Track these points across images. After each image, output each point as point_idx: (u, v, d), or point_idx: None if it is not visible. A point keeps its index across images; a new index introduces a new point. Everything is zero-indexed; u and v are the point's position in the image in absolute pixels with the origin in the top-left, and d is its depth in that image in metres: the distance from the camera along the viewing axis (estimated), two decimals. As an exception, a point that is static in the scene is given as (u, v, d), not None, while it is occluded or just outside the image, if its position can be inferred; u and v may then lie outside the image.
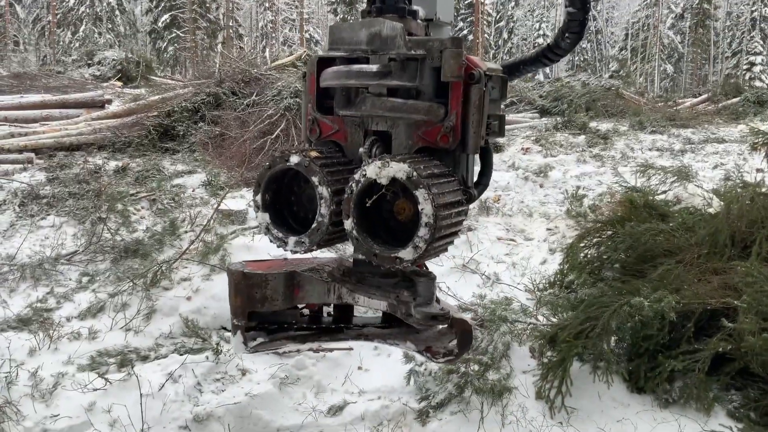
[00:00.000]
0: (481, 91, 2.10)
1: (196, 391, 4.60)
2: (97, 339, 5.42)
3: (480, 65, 2.14)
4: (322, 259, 2.71)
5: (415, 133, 2.17)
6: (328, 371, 5.09)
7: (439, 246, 2.01)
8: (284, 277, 2.50)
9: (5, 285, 6.22)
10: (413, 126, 2.18)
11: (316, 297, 2.52)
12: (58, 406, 4.45)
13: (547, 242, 7.98)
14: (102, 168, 9.74)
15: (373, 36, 2.12)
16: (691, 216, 5.72)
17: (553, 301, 5.53)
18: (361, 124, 2.29)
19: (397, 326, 2.41)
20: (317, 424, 4.51)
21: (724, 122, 16.88)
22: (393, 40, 2.09)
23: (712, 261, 5.01)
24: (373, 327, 2.53)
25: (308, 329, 2.60)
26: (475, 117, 2.11)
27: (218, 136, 11.12)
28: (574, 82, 20.18)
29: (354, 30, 2.17)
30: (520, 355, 5.14)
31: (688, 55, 62.10)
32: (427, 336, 2.37)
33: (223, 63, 16.41)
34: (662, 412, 4.53)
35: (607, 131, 13.73)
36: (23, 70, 25.66)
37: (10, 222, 7.62)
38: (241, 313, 2.51)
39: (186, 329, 5.56)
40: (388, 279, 2.33)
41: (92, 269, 6.60)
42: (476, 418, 4.42)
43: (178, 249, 6.76)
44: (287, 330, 2.61)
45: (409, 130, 2.19)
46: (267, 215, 2.32)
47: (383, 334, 2.47)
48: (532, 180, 10.22)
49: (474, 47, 48.07)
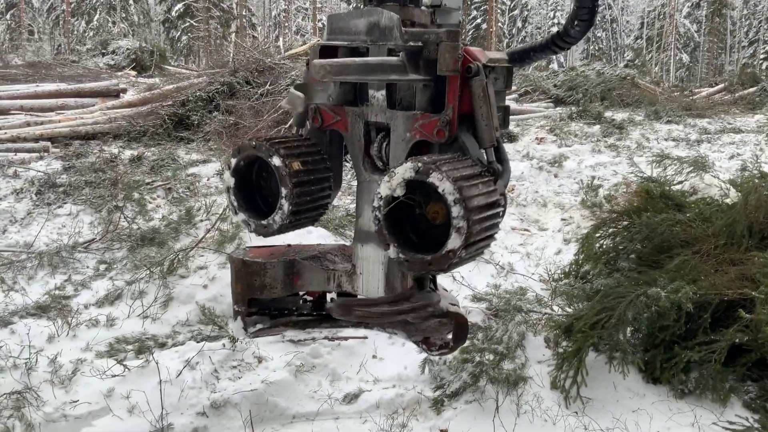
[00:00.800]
0: (482, 83, 2.08)
1: (214, 378, 4.64)
2: (114, 326, 5.47)
3: (479, 57, 2.12)
4: (325, 247, 2.73)
5: (412, 126, 2.17)
6: (343, 359, 5.11)
7: (483, 219, 1.94)
8: (283, 266, 2.53)
9: (23, 272, 6.29)
10: (411, 119, 2.17)
11: (316, 285, 2.55)
12: (77, 392, 4.50)
13: (561, 232, 7.96)
14: (117, 157, 9.80)
15: (372, 26, 2.10)
16: (708, 206, 5.69)
17: (568, 291, 5.53)
18: (362, 115, 2.30)
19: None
20: (333, 412, 4.54)
21: (740, 112, 16.73)
22: (390, 31, 2.06)
23: (730, 252, 4.98)
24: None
25: (309, 315, 2.64)
26: (483, 110, 2.09)
27: (232, 126, 11.14)
28: (589, 71, 20.02)
29: (352, 19, 2.15)
30: (535, 345, 5.14)
31: (704, 45, 61.47)
32: (426, 327, 2.39)
33: (237, 52, 16.42)
34: (678, 402, 4.52)
35: (622, 121, 13.64)
36: (38, 59, 25.83)
37: (27, 210, 7.69)
38: (241, 300, 2.56)
39: (203, 317, 5.61)
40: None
41: (109, 257, 6.65)
42: (491, 408, 4.44)
43: (194, 237, 6.80)
44: (289, 316, 2.64)
45: (407, 122, 2.18)
46: (232, 179, 2.37)
47: (383, 322, 2.50)
48: (546, 170, 10.18)
49: (488, 36, 47.80)
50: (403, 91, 2.25)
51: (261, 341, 5.21)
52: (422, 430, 4.34)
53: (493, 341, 4.86)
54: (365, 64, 2.09)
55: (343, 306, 2.36)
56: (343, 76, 2.09)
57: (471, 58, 2.10)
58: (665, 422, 4.33)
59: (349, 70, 2.05)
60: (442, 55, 2.03)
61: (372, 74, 2.11)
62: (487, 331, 4.98)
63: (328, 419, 4.48)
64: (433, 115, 2.11)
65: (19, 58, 26.48)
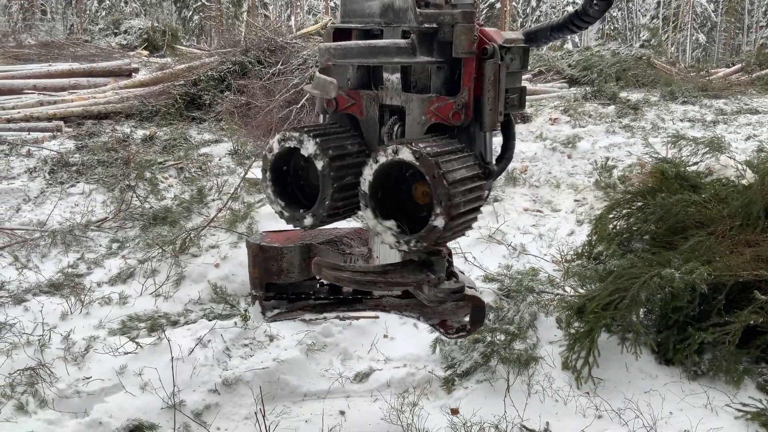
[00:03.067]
0: (496, 66, 2.02)
1: (225, 355, 4.66)
2: (127, 304, 5.50)
3: (495, 38, 2.06)
4: (341, 231, 2.71)
5: (428, 109, 2.12)
6: (354, 339, 5.12)
7: (459, 225, 1.95)
8: (300, 250, 2.51)
9: (37, 251, 6.33)
10: (426, 102, 2.13)
11: None
12: (90, 368, 4.54)
13: (574, 213, 7.90)
14: (130, 136, 9.82)
15: (386, 8, 2.05)
16: (724, 187, 5.62)
17: (581, 272, 5.49)
18: (376, 98, 2.25)
19: (414, 298, 2.39)
20: (344, 390, 4.56)
21: (757, 93, 16.47)
22: (405, 12, 2.01)
23: (745, 233, 4.92)
24: (390, 298, 2.54)
25: (327, 299, 2.62)
26: (491, 94, 2.03)
27: (244, 105, 11.11)
28: (604, 51, 19.76)
29: (366, 1, 2.10)
30: (546, 325, 5.12)
31: (721, 24, 60.56)
32: (443, 309, 2.37)
33: (249, 32, 16.35)
34: (691, 384, 4.50)
35: (637, 101, 13.46)
36: (51, 39, 25.82)
37: (40, 189, 7.73)
38: (259, 285, 2.55)
39: (214, 295, 5.63)
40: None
41: (122, 236, 6.68)
42: (502, 387, 4.43)
43: (206, 217, 6.82)
44: (306, 300, 2.63)
45: (423, 105, 2.13)
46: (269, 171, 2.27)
47: (400, 305, 2.48)
48: (560, 151, 10.08)
49: (501, 15, 47.32)
50: (418, 73, 2.21)
51: (272, 320, 5.22)
52: (433, 409, 4.35)
53: (504, 321, 4.84)
54: (369, 46, 2.03)
55: (317, 265, 2.31)
56: (347, 59, 2.05)
57: (487, 40, 2.05)
58: (677, 403, 4.31)
59: (353, 54, 2.01)
60: (458, 36, 1.99)
61: (376, 57, 2.05)
62: (498, 312, 4.96)
63: (339, 397, 4.50)
64: (449, 98, 2.07)
65: (32, 38, 26.49)
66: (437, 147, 1.92)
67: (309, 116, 10.29)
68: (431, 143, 1.94)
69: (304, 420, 4.22)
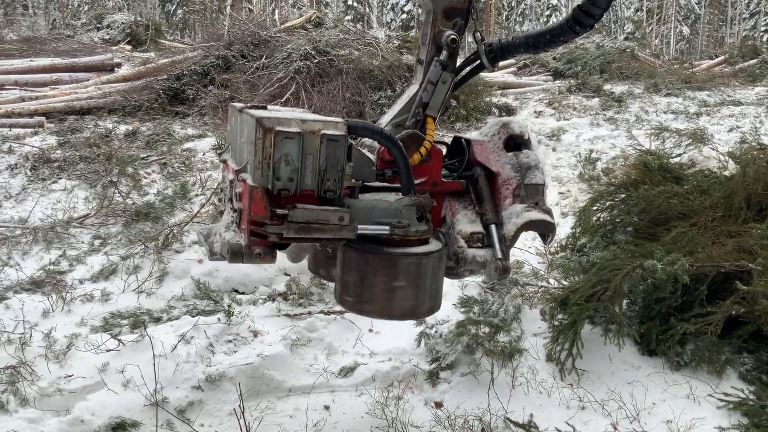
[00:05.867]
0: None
1: (209, 352, 4.64)
2: (109, 301, 5.46)
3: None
4: None
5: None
6: (339, 333, 5.11)
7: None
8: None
9: (18, 248, 6.27)
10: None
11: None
12: (71, 366, 4.50)
13: (558, 206, 7.92)
14: (112, 132, 9.72)
15: None
16: (706, 179, 5.65)
17: (565, 264, 5.50)
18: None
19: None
20: (328, 385, 4.55)
21: (740, 84, 16.56)
22: None
23: (727, 224, 4.95)
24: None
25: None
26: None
27: (228, 100, 11.03)
28: (588, 44, 19.79)
29: None
30: (530, 317, 5.14)
31: (704, 17, 60.90)
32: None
33: (232, 25, 16.23)
34: (673, 374, 4.53)
35: (621, 94, 13.51)
36: (33, 34, 25.56)
37: (22, 185, 7.65)
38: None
39: (198, 291, 5.59)
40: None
41: (104, 232, 6.63)
42: (486, 380, 4.44)
43: (189, 212, 6.77)
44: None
45: None
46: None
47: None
48: (544, 143, 10.10)
49: (486, 9, 47.30)
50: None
51: (256, 316, 5.20)
52: (417, 402, 4.35)
53: (488, 314, 4.84)
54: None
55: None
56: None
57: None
58: (660, 394, 4.33)
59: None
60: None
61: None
62: (483, 304, 4.96)
63: (324, 392, 4.49)
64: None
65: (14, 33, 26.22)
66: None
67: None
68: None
69: (288, 415, 4.21)
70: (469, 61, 3.31)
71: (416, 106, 3.13)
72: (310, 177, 2.55)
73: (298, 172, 2.52)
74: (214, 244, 2.89)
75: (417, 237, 2.85)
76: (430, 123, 3.10)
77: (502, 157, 3.20)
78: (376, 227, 2.78)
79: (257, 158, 2.49)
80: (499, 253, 3.04)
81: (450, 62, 3.10)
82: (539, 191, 3.15)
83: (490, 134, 3.28)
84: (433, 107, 3.11)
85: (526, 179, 3.15)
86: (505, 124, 3.27)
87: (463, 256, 3.07)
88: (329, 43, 11.76)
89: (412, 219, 2.82)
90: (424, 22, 3.19)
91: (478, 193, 3.18)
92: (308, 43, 11.58)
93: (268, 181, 2.51)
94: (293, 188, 2.53)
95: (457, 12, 3.10)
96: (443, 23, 3.10)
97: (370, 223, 2.77)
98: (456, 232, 3.13)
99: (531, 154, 3.21)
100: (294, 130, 2.49)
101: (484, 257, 3.06)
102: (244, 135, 2.68)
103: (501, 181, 3.18)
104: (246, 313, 5.22)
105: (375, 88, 11.09)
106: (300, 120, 2.53)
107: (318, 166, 2.54)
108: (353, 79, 11.03)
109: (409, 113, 3.15)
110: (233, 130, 2.97)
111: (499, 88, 14.43)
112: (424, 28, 3.18)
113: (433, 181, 3.13)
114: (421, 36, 3.22)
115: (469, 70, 3.34)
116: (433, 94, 3.09)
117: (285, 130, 2.48)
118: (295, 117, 2.57)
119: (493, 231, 3.08)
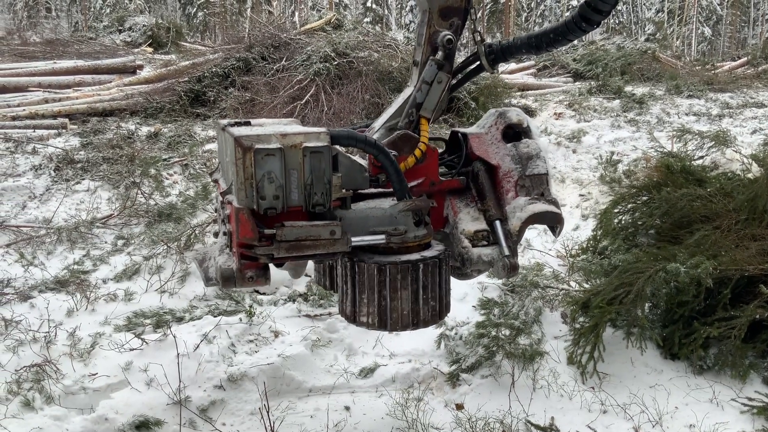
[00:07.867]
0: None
1: (230, 351, 4.68)
2: (133, 300, 5.52)
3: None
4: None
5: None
6: (360, 334, 5.12)
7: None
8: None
9: (43, 248, 6.35)
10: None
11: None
12: (96, 365, 4.55)
13: (579, 208, 7.89)
14: (135, 133, 9.83)
15: None
16: (729, 181, 5.59)
17: (586, 267, 5.48)
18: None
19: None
20: (349, 385, 4.56)
21: (763, 86, 16.40)
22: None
23: (751, 227, 4.90)
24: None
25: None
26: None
27: (248, 102, 11.11)
28: (609, 45, 19.69)
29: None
30: (551, 320, 5.12)
31: (726, 18, 60.22)
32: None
33: (253, 28, 16.33)
34: (696, 378, 4.49)
35: (642, 95, 13.42)
36: (56, 36, 25.86)
37: (46, 186, 7.74)
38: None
39: (219, 292, 5.63)
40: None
41: (127, 232, 6.70)
42: (507, 382, 4.43)
43: (211, 213, 6.82)
44: None
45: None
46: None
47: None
48: (564, 145, 10.07)
49: (506, 10, 47.14)
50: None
51: (277, 316, 5.24)
52: (438, 404, 4.35)
53: (509, 316, 4.84)
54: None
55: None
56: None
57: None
58: (683, 398, 4.30)
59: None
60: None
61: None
62: (503, 307, 4.95)
63: (344, 393, 4.50)
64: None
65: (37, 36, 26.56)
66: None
67: (312, 112, 10.29)
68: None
69: (309, 415, 4.23)
70: (469, 62, 3.23)
71: (410, 107, 3.05)
72: (296, 193, 2.47)
73: (284, 188, 2.45)
74: (209, 269, 2.81)
75: (416, 243, 2.77)
76: (424, 124, 3.01)
77: (501, 149, 3.09)
78: (372, 237, 2.71)
79: (239, 179, 2.42)
80: (506, 249, 2.95)
81: (446, 62, 3.00)
82: (543, 181, 3.04)
83: (487, 126, 3.17)
84: (428, 108, 3.02)
85: (527, 170, 3.04)
86: (501, 114, 3.16)
87: (469, 257, 2.99)
88: (348, 45, 11.79)
89: (409, 224, 2.75)
90: (420, 22, 3.10)
91: (480, 189, 3.09)
92: (328, 45, 11.63)
93: (252, 202, 2.44)
94: (280, 206, 2.46)
95: (453, 11, 3.00)
96: (439, 23, 3.00)
97: (365, 233, 2.70)
98: (459, 232, 3.04)
99: (531, 143, 3.09)
100: (274, 147, 2.41)
101: (491, 256, 2.98)
102: (227, 154, 2.61)
103: (502, 174, 3.08)
104: (267, 313, 5.25)
105: (394, 89, 11.11)
106: (280, 134, 2.46)
107: (303, 180, 2.47)
108: (372, 81, 11.06)
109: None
110: (220, 148, 2.89)
111: (519, 90, 14.38)
112: (420, 29, 3.08)
113: (431, 180, 3.04)
114: (417, 36, 3.11)
115: (467, 72, 3.27)
116: (428, 94, 3.00)
117: (265, 147, 2.40)
118: (276, 132, 2.48)
119: (498, 227, 2.99)
